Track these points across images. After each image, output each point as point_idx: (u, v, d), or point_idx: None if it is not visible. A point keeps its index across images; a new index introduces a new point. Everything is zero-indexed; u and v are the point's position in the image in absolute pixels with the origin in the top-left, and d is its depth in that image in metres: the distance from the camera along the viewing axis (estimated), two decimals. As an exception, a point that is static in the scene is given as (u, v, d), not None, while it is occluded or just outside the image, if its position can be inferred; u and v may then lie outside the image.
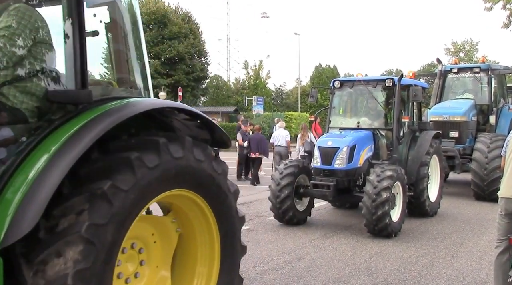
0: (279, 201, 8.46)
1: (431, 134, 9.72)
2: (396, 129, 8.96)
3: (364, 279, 5.90)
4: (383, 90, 9.23)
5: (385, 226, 7.68)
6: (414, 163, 9.30)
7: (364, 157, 8.63)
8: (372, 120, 9.44)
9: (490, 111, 12.74)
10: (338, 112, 9.84)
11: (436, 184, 10.11)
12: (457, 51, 57.04)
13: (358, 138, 8.64)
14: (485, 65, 13.07)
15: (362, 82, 9.29)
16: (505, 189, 4.80)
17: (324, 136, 9.03)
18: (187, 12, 44.61)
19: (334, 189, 8.25)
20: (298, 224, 8.73)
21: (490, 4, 19.94)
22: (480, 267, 6.42)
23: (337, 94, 9.77)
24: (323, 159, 8.49)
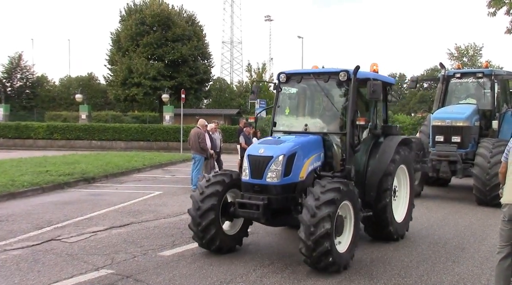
0: (201, 229, 6.73)
1: (397, 140, 7.98)
2: (350, 133, 7.09)
3: (365, 283, 5.89)
4: (338, 85, 7.39)
5: (329, 264, 6.02)
6: (375, 175, 7.58)
7: (308, 169, 6.86)
8: (324, 122, 7.64)
9: (493, 116, 12.72)
10: (284, 112, 8.09)
11: (404, 201, 8.46)
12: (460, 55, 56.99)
13: (301, 144, 6.86)
14: (488, 70, 13.05)
15: (311, 75, 7.55)
16: (508, 195, 4.79)
17: (258, 142, 7.23)
18: (191, 14, 44.68)
19: (265, 209, 6.45)
20: (231, 251, 7.09)
21: (494, 10, 19.91)
22: (482, 272, 6.40)
23: (283, 90, 7.96)
24: (253, 171, 6.62)
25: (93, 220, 9.34)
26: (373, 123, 8.04)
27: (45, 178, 13.64)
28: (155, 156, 23.09)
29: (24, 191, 12.17)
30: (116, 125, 33.61)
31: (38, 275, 6.02)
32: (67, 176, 14.37)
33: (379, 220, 7.65)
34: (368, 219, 7.51)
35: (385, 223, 7.68)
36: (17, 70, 53.54)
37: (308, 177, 6.87)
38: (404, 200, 8.48)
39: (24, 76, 54.47)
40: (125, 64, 40.11)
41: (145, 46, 40.37)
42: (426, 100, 60.82)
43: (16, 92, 54.10)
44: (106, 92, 47.80)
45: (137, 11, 41.89)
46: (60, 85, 58.81)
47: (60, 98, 55.47)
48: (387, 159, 7.63)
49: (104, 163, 17.86)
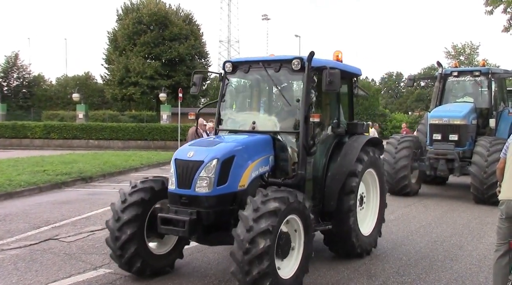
0: (119, 245, 5.55)
1: (364, 139, 6.89)
2: (303, 132, 5.92)
3: (363, 281, 5.89)
4: (291, 75, 6.29)
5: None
6: (336, 180, 6.44)
7: (251, 175, 5.68)
8: (276, 119, 6.49)
9: (490, 114, 12.68)
10: (231, 107, 6.96)
11: (373, 211, 7.30)
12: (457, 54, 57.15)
13: (243, 145, 5.72)
14: (485, 68, 13.07)
15: (260, 64, 6.38)
16: (506, 191, 4.80)
17: (189, 143, 5.98)
18: (188, 14, 44.58)
19: (193, 226, 5.29)
20: (160, 274, 5.96)
21: (491, 8, 20.00)
22: (480, 270, 6.42)
23: (229, 81, 6.81)
24: (179, 179, 5.45)
25: (90, 220, 9.32)
26: (333, 120, 6.94)
27: (42, 177, 13.61)
28: (153, 155, 23.06)
29: (21, 191, 12.14)
30: (113, 124, 33.53)
31: (36, 275, 6.01)
32: (65, 175, 14.34)
33: (340, 229, 6.44)
34: (327, 230, 6.48)
35: (347, 233, 6.47)
36: (13, 69, 53.35)
37: (251, 185, 5.67)
38: (373, 211, 7.29)
39: (20, 76, 54.30)
40: (122, 63, 40.02)
41: (142, 45, 40.28)
42: (423, 99, 60.96)
43: (13, 92, 53.92)
44: (103, 92, 47.68)
45: (134, 10, 41.79)
46: (57, 85, 58.62)
47: (57, 98, 55.30)
48: (351, 159, 6.53)
49: (101, 163, 17.83)
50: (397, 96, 71.91)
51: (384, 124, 43.25)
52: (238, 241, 4.76)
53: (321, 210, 6.43)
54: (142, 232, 5.67)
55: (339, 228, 6.45)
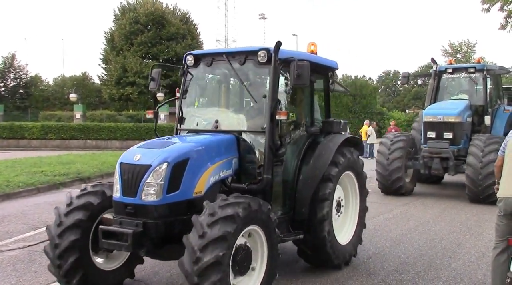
0: (57, 254, 4.87)
1: (340, 139, 6.29)
2: (269, 131, 5.31)
3: (362, 280, 5.90)
4: (258, 68, 5.68)
5: None
6: (308, 185, 5.84)
7: (209, 180, 5.05)
8: (241, 117, 6.01)
9: (485, 112, 12.54)
10: (193, 105, 6.37)
11: (352, 217, 6.71)
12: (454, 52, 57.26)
13: (201, 146, 5.10)
14: (481, 65, 12.90)
15: (224, 56, 5.79)
16: (504, 189, 4.81)
17: (138, 145, 5.23)
18: (185, 13, 44.60)
19: (137, 240, 4.61)
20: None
21: (488, 6, 20.03)
22: (478, 268, 6.43)
23: (191, 75, 6.13)
24: (124, 185, 4.80)
25: (89, 220, 9.29)
26: (305, 118, 6.36)
27: (40, 178, 13.58)
28: (151, 155, 22.95)
29: (19, 192, 12.12)
30: (111, 124, 33.49)
31: (35, 276, 6.00)
32: (62, 176, 14.32)
33: (313, 241, 5.87)
34: (300, 240, 5.91)
35: (321, 244, 5.88)
36: (10, 70, 53.24)
37: (210, 191, 5.04)
38: (352, 217, 6.71)
39: (17, 76, 54.18)
40: (120, 63, 40.01)
41: (139, 45, 40.29)
42: (420, 97, 61.05)
43: (10, 92, 53.81)
44: (101, 92, 47.67)
45: (131, 10, 41.78)
46: (54, 85, 58.55)
47: (54, 98, 55.23)
48: (325, 162, 5.94)
49: (99, 163, 17.80)
50: (394, 94, 72.06)
51: (382, 123, 43.28)
52: (189, 248, 4.17)
53: (292, 217, 5.84)
54: (86, 240, 4.97)
55: (312, 239, 5.86)
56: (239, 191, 5.08)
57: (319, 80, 6.70)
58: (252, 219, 4.55)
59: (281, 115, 5.30)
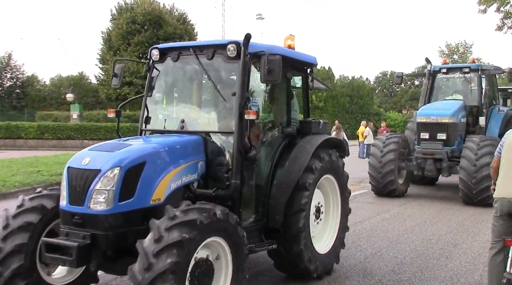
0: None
1: (318, 140, 5.84)
2: (238, 132, 4.90)
3: (359, 280, 5.91)
4: (227, 63, 5.24)
5: None
6: (282, 191, 5.40)
7: (170, 186, 4.60)
8: (210, 116, 5.68)
9: (480, 112, 12.37)
10: (159, 103, 5.88)
11: (333, 222, 6.27)
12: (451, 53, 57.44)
13: (161, 149, 4.67)
14: (475, 65, 12.70)
15: (191, 50, 5.33)
16: (500, 189, 4.82)
17: (89, 148, 4.72)
18: (182, 13, 44.50)
19: (83, 254, 4.13)
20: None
21: (484, 7, 20.13)
22: (475, 268, 6.45)
23: (157, 71, 5.71)
24: (71, 193, 4.31)
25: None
26: (280, 117, 5.92)
27: (36, 178, 13.55)
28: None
29: (16, 192, 12.05)
30: (108, 124, 33.40)
31: None
32: (59, 176, 14.23)
33: (290, 254, 5.45)
34: (275, 251, 5.49)
35: (298, 258, 5.45)
36: (6, 69, 53.07)
37: (171, 198, 4.56)
38: (333, 222, 6.27)
39: (14, 76, 54.01)
40: (117, 63, 39.90)
41: (136, 45, 40.16)
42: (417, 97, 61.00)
43: (6, 92, 53.63)
44: (98, 91, 47.53)
45: (128, 10, 41.68)
46: (51, 85, 58.39)
47: (51, 98, 55.07)
48: (301, 165, 5.49)
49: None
50: (391, 95, 72.17)
51: (379, 123, 43.35)
52: (142, 254, 3.75)
53: (265, 225, 5.40)
54: (33, 246, 4.45)
55: (288, 253, 5.45)
56: (205, 197, 4.74)
57: (297, 76, 6.39)
58: (216, 229, 4.14)
59: (250, 114, 4.83)
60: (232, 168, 4.92)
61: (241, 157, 4.92)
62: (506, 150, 4.88)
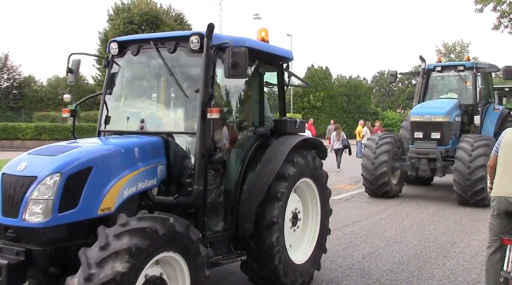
0: None
1: (293, 141, 5.35)
2: (201, 132, 4.40)
3: (357, 279, 5.91)
4: (190, 57, 4.72)
5: None
6: (252, 197, 4.93)
7: (122, 194, 4.07)
8: (173, 115, 5.21)
9: (475, 111, 12.19)
10: (118, 101, 5.41)
11: (313, 227, 5.81)
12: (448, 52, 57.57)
13: (112, 151, 4.21)
14: (470, 62, 12.59)
15: (152, 43, 4.83)
16: (497, 188, 4.83)
17: (28, 151, 4.18)
18: (179, 13, 44.48)
19: (15, 272, 3.60)
20: None
21: (481, 6, 20.14)
22: (472, 267, 6.46)
23: (116, 66, 5.21)
24: (4, 203, 3.84)
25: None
26: (252, 116, 5.45)
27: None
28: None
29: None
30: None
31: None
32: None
33: (263, 270, 4.99)
34: (248, 266, 5.10)
35: (273, 273, 4.99)
36: (3, 70, 52.95)
37: (124, 207, 4.04)
38: (313, 226, 5.82)
39: (11, 77, 53.88)
40: (114, 63, 39.83)
41: (133, 45, 40.15)
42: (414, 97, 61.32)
43: (3, 93, 53.50)
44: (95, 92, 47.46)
45: (125, 10, 41.63)
46: (48, 85, 58.24)
47: (48, 99, 54.93)
48: (273, 170, 4.98)
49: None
50: (388, 94, 72.31)
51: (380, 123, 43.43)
52: (84, 263, 3.29)
53: (234, 235, 4.94)
54: None
55: (261, 268, 5.00)
56: (165, 205, 4.35)
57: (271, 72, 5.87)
58: (174, 244, 3.66)
59: (213, 113, 4.32)
60: (194, 173, 4.39)
61: (205, 160, 4.40)
62: (503, 149, 4.89)
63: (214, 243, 4.60)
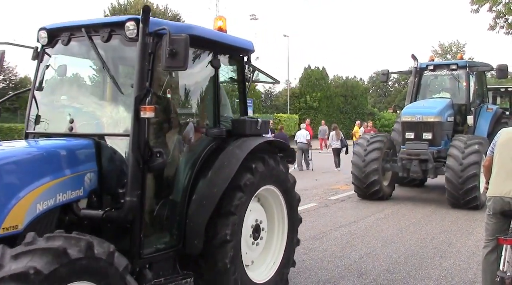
0: None
1: (253, 143, 4.68)
2: (135, 134, 3.72)
3: (354, 280, 5.92)
4: (127, 46, 4.09)
5: None
6: (202, 209, 4.27)
7: (35, 207, 3.40)
8: (107, 115, 4.52)
9: (468, 111, 11.93)
10: (49, 98, 4.77)
11: (277, 242, 5.21)
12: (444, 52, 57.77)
13: (21, 157, 3.55)
14: (463, 61, 12.37)
15: (83, 31, 4.11)
16: (493, 188, 4.84)
17: None
18: (175, 14, 44.46)
19: None
20: None
21: (477, 6, 20.24)
22: (468, 267, 6.48)
23: (47, 58, 4.57)
24: None
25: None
26: (205, 116, 4.88)
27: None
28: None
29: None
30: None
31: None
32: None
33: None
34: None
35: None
36: (-1, 71, 52.86)
37: (37, 223, 3.43)
38: (279, 238, 5.21)
39: (6, 78, 53.70)
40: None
41: (130, 46, 40.17)
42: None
43: (-1, 94, 53.47)
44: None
45: (122, 11, 41.65)
46: (44, 86, 58.23)
47: (44, 100, 54.89)
48: (226, 177, 4.34)
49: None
50: (385, 95, 72.42)
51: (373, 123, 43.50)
52: None
53: (181, 252, 4.30)
54: None
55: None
56: (94, 220, 3.73)
57: (230, 66, 5.31)
58: (91, 272, 2.98)
59: (146, 111, 3.64)
60: (127, 183, 3.69)
61: (140, 167, 3.72)
62: (499, 149, 4.91)
63: (156, 263, 4.01)
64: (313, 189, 13.45)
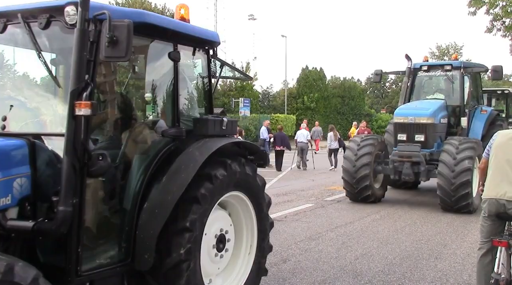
0: None
1: (213, 145, 4.22)
2: (71, 134, 3.22)
3: (349, 281, 5.92)
4: (67, 33, 3.52)
5: None
6: (154, 220, 3.81)
7: None
8: (44, 112, 4.05)
9: (462, 112, 11.73)
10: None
11: (244, 256, 4.78)
12: (441, 55, 57.92)
13: None
14: (457, 62, 12.19)
15: (19, 16, 3.62)
16: (488, 190, 4.85)
17: None
18: (173, 13, 44.53)
19: None
20: None
21: (474, 9, 20.31)
22: (463, 268, 6.49)
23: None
24: None
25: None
26: (160, 114, 4.59)
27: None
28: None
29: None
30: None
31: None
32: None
33: None
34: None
35: None
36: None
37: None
38: (248, 248, 4.79)
39: (3, 76, 53.63)
40: (108, 63, 39.71)
41: (127, 45, 40.09)
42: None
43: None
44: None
45: (119, 9, 41.62)
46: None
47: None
48: (181, 184, 3.87)
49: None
50: (382, 96, 72.53)
51: (370, 124, 43.56)
52: None
53: (130, 267, 3.84)
54: None
55: None
56: (23, 233, 3.21)
57: (194, 59, 4.90)
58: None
59: (81, 108, 3.19)
60: (61, 190, 3.18)
61: (76, 172, 3.24)
62: (494, 152, 4.92)
63: (99, 281, 3.55)
64: (309, 189, 13.45)
